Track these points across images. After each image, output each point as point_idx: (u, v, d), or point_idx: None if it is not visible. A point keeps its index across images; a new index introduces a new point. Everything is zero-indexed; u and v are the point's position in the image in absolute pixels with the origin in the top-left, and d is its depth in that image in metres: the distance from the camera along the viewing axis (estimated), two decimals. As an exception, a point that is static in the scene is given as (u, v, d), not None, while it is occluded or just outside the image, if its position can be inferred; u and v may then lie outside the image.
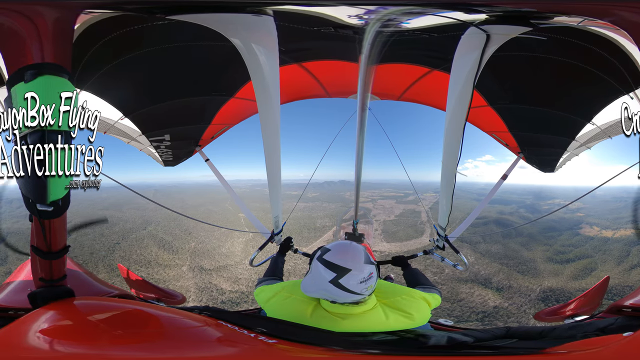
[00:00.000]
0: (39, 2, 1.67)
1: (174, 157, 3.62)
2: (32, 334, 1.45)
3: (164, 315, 1.70)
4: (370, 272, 1.65)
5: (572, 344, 1.48)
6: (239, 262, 4.99)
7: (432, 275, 4.61)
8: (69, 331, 1.53)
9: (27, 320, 1.53)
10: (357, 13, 2.04)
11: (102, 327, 1.57)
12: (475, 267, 4.72)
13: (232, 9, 1.98)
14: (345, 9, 2.00)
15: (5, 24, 1.68)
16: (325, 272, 1.64)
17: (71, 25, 1.78)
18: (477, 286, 4.46)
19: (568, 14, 1.91)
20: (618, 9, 1.77)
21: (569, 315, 2.83)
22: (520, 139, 3.69)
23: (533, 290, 4.17)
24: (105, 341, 1.46)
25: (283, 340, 1.49)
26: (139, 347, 1.44)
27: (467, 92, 2.41)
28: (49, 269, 1.87)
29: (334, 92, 3.71)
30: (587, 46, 2.41)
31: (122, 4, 1.91)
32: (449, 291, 4.45)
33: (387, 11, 1.99)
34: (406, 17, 2.12)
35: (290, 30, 2.29)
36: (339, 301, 1.66)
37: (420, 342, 1.60)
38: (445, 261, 3.52)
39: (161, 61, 2.76)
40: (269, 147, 2.75)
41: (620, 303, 2.15)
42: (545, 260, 4.37)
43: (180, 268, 4.64)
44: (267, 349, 1.44)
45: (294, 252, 3.75)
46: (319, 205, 6.41)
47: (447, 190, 2.98)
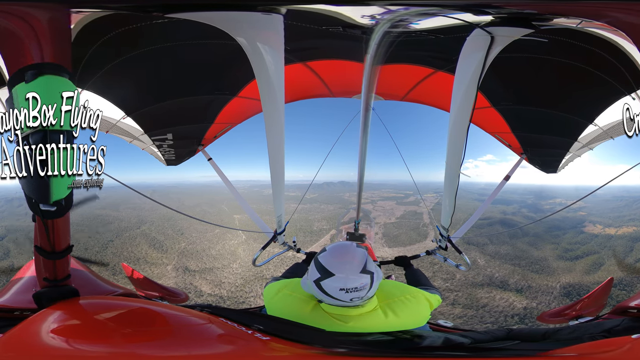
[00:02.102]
0: (27, 3, 1.68)
1: (177, 157, 3.62)
2: (43, 334, 1.47)
3: (169, 312, 1.73)
4: (363, 283, 1.59)
5: (579, 347, 1.47)
6: (226, 265, 5.00)
7: (443, 282, 4.62)
8: (78, 330, 1.56)
9: (36, 321, 1.56)
10: (372, 13, 2.04)
11: (110, 326, 1.60)
12: (487, 270, 4.73)
13: (242, 7, 1.97)
14: (360, 8, 2.00)
15: (2, 25, 1.68)
16: (314, 271, 1.65)
17: (67, 25, 1.79)
18: (496, 289, 4.47)
19: (566, 16, 1.94)
20: (612, 10, 1.81)
21: (573, 317, 2.83)
22: (522, 140, 3.73)
23: (553, 287, 4.24)
24: (115, 339, 1.49)
25: (280, 338, 1.51)
26: (147, 344, 1.46)
27: (472, 93, 2.44)
28: (52, 268, 1.90)
29: (337, 91, 3.72)
30: (587, 47, 2.44)
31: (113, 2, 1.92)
32: (467, 298, 4.42)
33: (404, 12, 2.00)
34: (417, 18, 2.13)
35: (298, 29, 2.29)
36: (325, 302, 1.66)
37: (415, 343, 1.60)
38: (447, 262, 3.57)
39: (164, 59, 2.76)
40: (273, 147, 2.76)
41: (626, 304, 2.16)
42: (556, 258, 4.45)
43: (165, 267, 4.67)
44: (265, 347, 1.46)
45: (297, 252, 3.79)
46: (317, 207, 6.39)
47: (450, 190, 3.01)
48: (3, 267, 2.71)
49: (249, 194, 5.21)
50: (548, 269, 4.43)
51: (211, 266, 4.92)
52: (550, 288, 4.26)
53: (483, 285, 4.57)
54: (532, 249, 4.63)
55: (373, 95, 3.09)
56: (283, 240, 3.72)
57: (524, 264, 4.62)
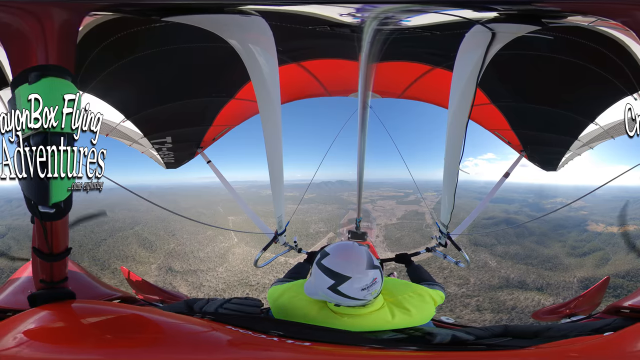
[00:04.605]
0: (49, 2, 1.71)
1: (176, 160, 3.66)
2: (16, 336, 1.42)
3: (161, 319, 1.68)
4: (374, 277, 1.64)
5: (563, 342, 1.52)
6: (211, 268, 5.03)
7: (458, 288, 4.64)
8: (52, 333, 1.52)
9: (15, 321, 1.53)
10: (348, 11, 2.03)
11: (90, 330, 1.55)
12: (501, 271, 4.77)
13: (215, 10, 1.99)
14: (336, 7, 2.00)
15: (13, 24, 1.71)
16: (324, 278, 1.65)
17: (76, 27, 1.81)
18: (516, 290, 4.51)
19: (583, 13, 1.92)
20: (633, 10, 1.81)
21: (566, 315, 2.86)
22: (522, 137, 3.78)
23: (572, 282, 4.33)
24: (89, 344, 1.43)
25: (291, 339, 1.50)
26: (128, 351, 1.41)
27: (470, 90, 2.46)
28: (49, 270, 1.89)
29: (333, 90, 3.76)
30: (591, 46, 2.46)
31: (124, 6, 1.96)
32: (490, 302, 4.44)
33: (380, 9, 1.99)
34: (405, 15, 2.13)
35: (286, 30, 2.30)
36: (343, 304, 1.68)
37: (427, 340, 1.64)
38: (447, 258, 3.63)
39: (162, 63, 2.79)
40: (270, 147, 2.80)
41: (619, 304, 2.17)
42: (566, 255, 4.53)
43: (150, 266, 4.72)
44: (271, 350, 1.46)
45: (298, 251, 3.84)
46: (315, 207, 6.37)
47: (450, 188, 3.06)
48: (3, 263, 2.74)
49: (247, 195, 5.24)
50: (561, 265, 4.52)
51: (196, 268, 4.96)
52: (569, 283, 4.35)
53: (501, 287, 4.61)
54: (541, 248, 4.70)
55: (370, 94, 3.12)
56: (284, 240, 3.77)
57: (536, 262, 4.68)
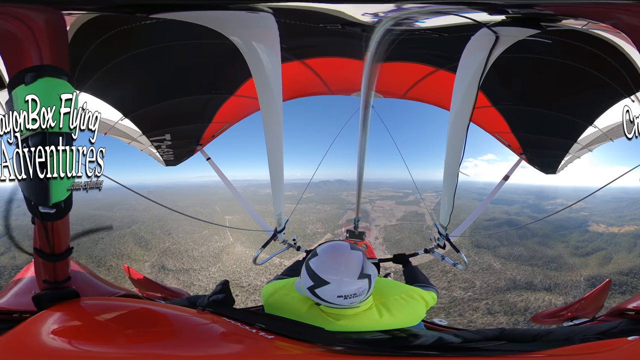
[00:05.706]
0: (25, 6, 1.71)
1: (175, 157, 3.66)
2: (44, 335, 1.49)
3: (171, 313, 1.74)
4: (359, 287, 1.61)
5: (571, 348, 1.48)
6: (204, 268, 5.06)
7: (464, 292, 4.67)
8: (79, 331, 1.58)
9: (36, 322, 1.58)
10: (376, 10, 2.02)
11: (112, 327, 1.62)
12: (507, 273, 4.81)
13: (224, 7, 1.97)
14: (362, 6, 1.99)
15: (2, 27, 1.72)
16: (306, 278, 1.65)
17: (63, 27, 1.82)
18: (525, 292, 4.55)
19: (574, 17, 1.99)
20: (617, 12, 1.86)
21: (568, 318, 2.84)
22: (522, 140, 3.80)
23: (579, 281, 4.41)
24: (117, 340, 1.50)
25: (283, 337, 1.54)
26: (152, 345, 1.49)
27: (472, 92, 2.48)
28: (52, 271, 1.92)
29: (336, 89, 3.76)
30: (589, 49, 2.48)
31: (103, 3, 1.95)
32: (500, 304, 4.45)
33: (416, 10, 1.99)
34: (424, 16, 2.11)
35: (293, 28, 2.26)
36: (322, 305, 1.70)
37: (410, 342, 1.65)
38: (445, 260, 3.67)
39: (160, 60, 2.78)
40: (271, 145, 2.80)
41: (623, 306, 2.15)
42: (570, 255, 4.62)
43: (143, 264, 4.76)
44: (267, 345, 1.50)
45: (297, 249, 3.88)
46: (313, 207, 6.35)
47: (449, 189, 3.08)
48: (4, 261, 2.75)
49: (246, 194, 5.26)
50: (566, 265, 4.61)
51: (189, 267, 4.99)
52: (576, 282, 4.44)
53: (509, 289, 4.66)
54: (544, 249, 4.78)
55: (373, 93, 3.14)
56: (283, 238, 3.79)
57: (540, 263, 4.75)
